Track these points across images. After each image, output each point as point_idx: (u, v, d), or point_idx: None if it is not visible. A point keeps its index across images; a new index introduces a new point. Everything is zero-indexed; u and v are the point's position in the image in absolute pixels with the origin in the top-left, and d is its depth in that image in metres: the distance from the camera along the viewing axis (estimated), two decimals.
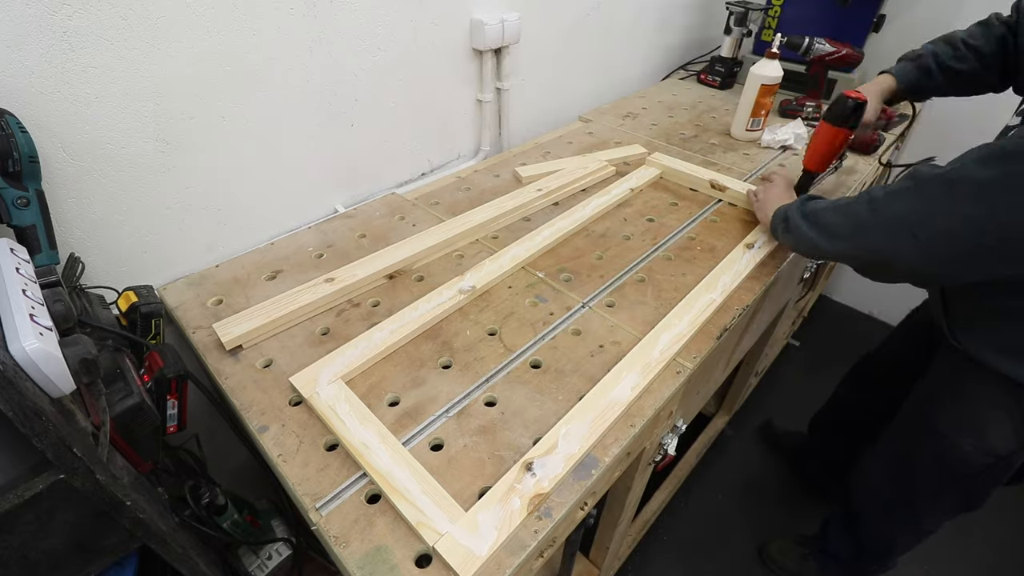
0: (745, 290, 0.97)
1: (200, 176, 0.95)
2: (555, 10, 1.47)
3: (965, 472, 1.01)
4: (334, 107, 1.09)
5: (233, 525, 0.88)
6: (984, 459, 0.97)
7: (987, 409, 0.95)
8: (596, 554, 1.29)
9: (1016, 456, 0.96)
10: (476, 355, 0.83)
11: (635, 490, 1.06)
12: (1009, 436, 0.94)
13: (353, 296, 0.94)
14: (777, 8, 1.83)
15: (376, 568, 0.57)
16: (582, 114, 1.70)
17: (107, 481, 0.52)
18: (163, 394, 0.71)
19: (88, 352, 0.53)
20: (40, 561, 0.52)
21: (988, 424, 0.95)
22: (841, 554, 1.36)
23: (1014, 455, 0.95)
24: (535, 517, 0.62)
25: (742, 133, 1.52)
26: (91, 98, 0.77)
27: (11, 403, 0.42)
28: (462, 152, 1.46)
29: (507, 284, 0.97)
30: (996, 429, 0.94)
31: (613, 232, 1.13)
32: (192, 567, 0.68)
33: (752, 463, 1.82)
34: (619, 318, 0.91)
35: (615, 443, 0.70)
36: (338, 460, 0.68)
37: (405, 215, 1.16)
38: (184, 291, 0.94)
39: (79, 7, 0.72)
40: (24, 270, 0.59)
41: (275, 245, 1.06)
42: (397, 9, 1.10)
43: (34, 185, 0.69)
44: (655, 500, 1.55)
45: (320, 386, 0.74)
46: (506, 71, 1.37)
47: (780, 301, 1.41)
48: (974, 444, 0.97)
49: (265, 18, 0.91)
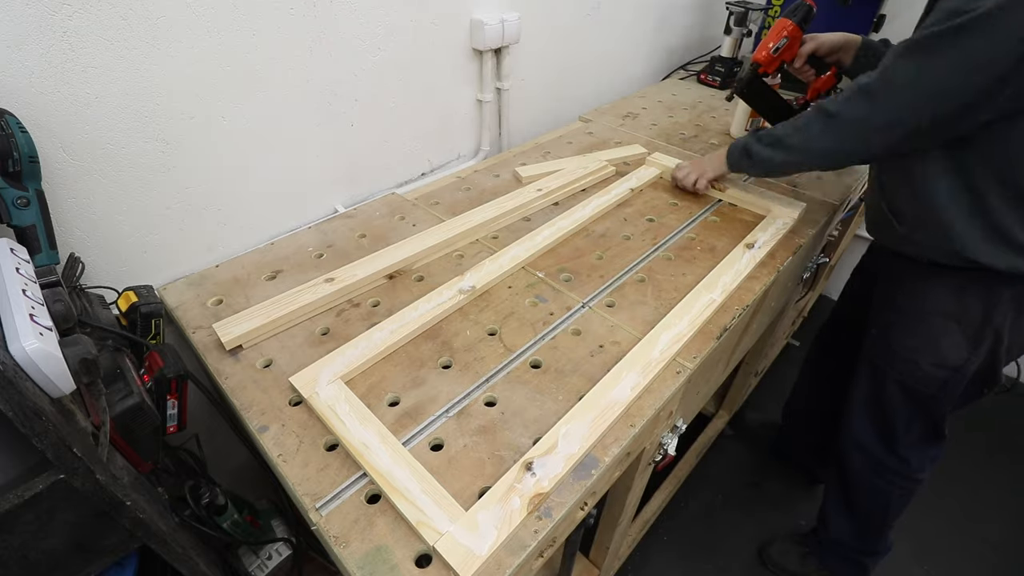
0: (745, 290, 0.97)
1: (200, 176, 0.95)
2: (555, 10, 1.47)
3: (927, 394, 1.08)
4: (334, 107, 1.09)
5: (233, 525, 0.88)
6: (941, 374, 1.04)
7: (937, 321, 1.02)
8: (596, 554, 1.29)
9: (968, 365, 1.02)
10: (476, 355, 0.83)
11: (635, 490, 1.06)
12: (961, 345, 1.00)
13: (353, 296, 0.94)
14: (777, 8, 1.83)
15: (376, 568, 0.57)
16: (582, 114, 1.70)
17: (107, 481, 0.52)
18: (163, 394, 0.71)
19: (88, 352, 0.53)
20: (40, 561, 0.52)
21: (940, 337, 1.02)
22: (842, 535, 1.37)
23: (966, 364, 1.02)
24: (535, 517, 0.62)
25: (742, 133, 1.52)
26: (91, 98, 0.77)
27: (11, 403, 0.42)
28: (462, 152, 1.46)
29: (507, 284, 0.97)
30: (948, 340, 1.01)
31: (613, 232, 1.13)
32: (192, 567, 0.68)
33: (752, 463, 1.82)
34: (619, 318, 0.91)
35: (615, 443, 0.70)
36: (338, 460, 0.68)
37: (405, 215, 1.16)
38: (184, 291, 0.94)
39: (79, 7, 0.72)
40: (24, 270, 0.59)
41: (275, 245, 1.06)
42: (397, 9, 1.10)
43: (34, 185, 0.69)
44: (655, 500, 1.55)
45: (320, 386, 0.74)
46: (506, 71, 1.37)
47: (780, 301, 1.41)
48: (930, 361, 1.04)
49: (265, 18, 0.91)
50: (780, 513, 1.67)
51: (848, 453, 1.27)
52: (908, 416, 1.14)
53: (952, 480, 1.71)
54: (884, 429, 1.19)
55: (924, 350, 1.05)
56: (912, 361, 1.07)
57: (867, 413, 1.21)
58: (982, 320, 0.97)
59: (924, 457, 1.19)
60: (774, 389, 2.04)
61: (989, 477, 1.78)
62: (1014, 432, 1.93)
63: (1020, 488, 1.75)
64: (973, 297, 0.96)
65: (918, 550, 1.57)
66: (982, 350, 1.00)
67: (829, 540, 1.41)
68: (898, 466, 1.20)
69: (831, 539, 1.40)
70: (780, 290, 1.28)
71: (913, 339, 1.06)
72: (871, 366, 1.17)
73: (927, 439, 1.17)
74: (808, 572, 1.47)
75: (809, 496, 1.71)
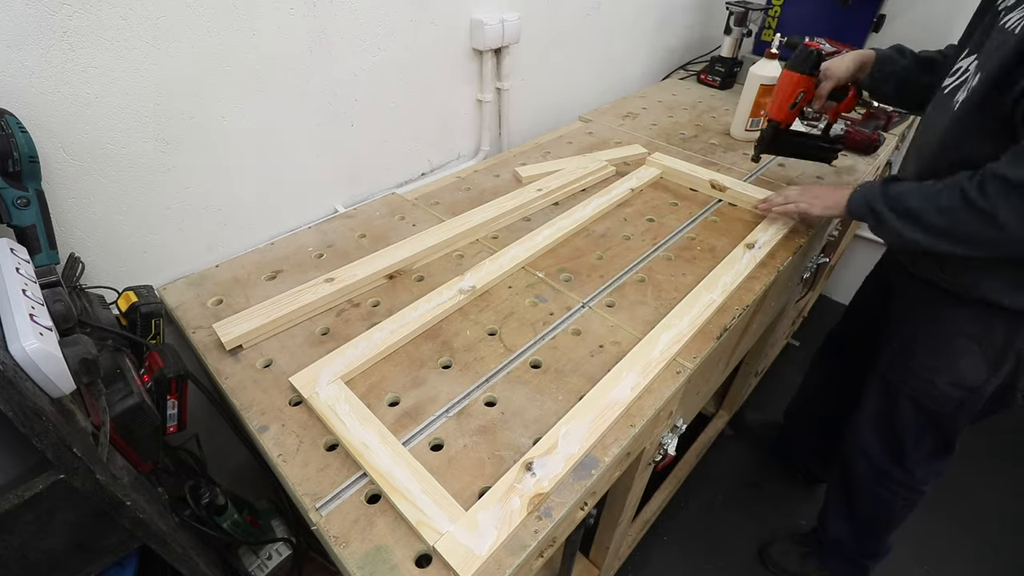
0: (745, 290, 0.97)
1: (200, 176, 0.95)
2: (555, 10, 1.47)
3: (942, 412, 1.06)
4: (334, 107, 1.09)
5: (233, 525, 0.88)
6: (957, 393, 1.02)
7: (958, 342, 0.99)
8: (596, 554, 1.29)
9: (986, 386, 1.00)
10: (476, 355, 0.83)
11: (635, 490, 1.06)
12: (980, 366, 0.98)
13: (353, 296, 0.94)
14: (777, 8, 1.83)
15: (376, 568, 0.57)
16: (582, 114, 1.70)
17: (107, 481, 0.52)
18: (163, 394, 0.71)
19: (88, 352, 0.53)
20: (40, 561, 0.52)
21: (960, 357, 0.99)
22: (842, 537, 1.36)
23: (984, 385, 0.99)
24: (535, 517, 0.62)
25: (742, 133, 1.52)
26: (91, 98, 0.77)
27: (11, 403, 0.42)
28: (462, 152, 1.46)
29: (507, 284, 0.97)
30: (967, 361, 0.98)
31: (613, 232, 1.13)
32: (192, 567, 0.68)
33: (752, 463, 1.82)
34: (619, 318, 0.91)
35: (615, 443, 0.70)
36: (338, 460, 0.68)
37: (405, 215, 1.16)
38: (184, 291, 0.94)
39: (79, 7, 0.72)
40: (24, 270, 0.59)
41: (275, 245, 1.06)
42: (397, 9, 1.10)
43: (34, 185, 0.69)
44: (655, 500, 1.55)
45: (320, 386, 0.74)
46: (506, 71, 1.37)
47: (780, 301, 1.41)
48: (947, 380, 1.02)
49: (265, 18, 0.91)
50: (780, 513, 1.67)
51: (853, 459, 1.26)
52: (918, 431, 1.12)
53: (953, 482, 1.71)
54: (892, 442, 1.17)
55: (942, 369, 1.02)
56: (928, 380, 1.05)
57: (876, 425, 1.19)
58: (1004, 343, 0.95)
59: (930, 470, 1.18)
60: (774, 389, 2.04)
61: (990, 480, 1.78)
62: (1016, 434, 1.93)
63: (1021, 491, 1.75)
64: (997, 320, 0.94)
65: (918, 551, 1.56)
66: (1003, 371, 0.98)
67: (829, 540, 1.40)
68: (903, 477, 1.19)
69: (831, 539, 1.40)
70: (780, 290, 1.28)
71: (931, 358, 1.04)
72: (884, 381, 1.14)
73: (936, 454, 1.15)
74: (808, 572, 1.47)
75: (809, 496, 1.71)
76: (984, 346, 0.96)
